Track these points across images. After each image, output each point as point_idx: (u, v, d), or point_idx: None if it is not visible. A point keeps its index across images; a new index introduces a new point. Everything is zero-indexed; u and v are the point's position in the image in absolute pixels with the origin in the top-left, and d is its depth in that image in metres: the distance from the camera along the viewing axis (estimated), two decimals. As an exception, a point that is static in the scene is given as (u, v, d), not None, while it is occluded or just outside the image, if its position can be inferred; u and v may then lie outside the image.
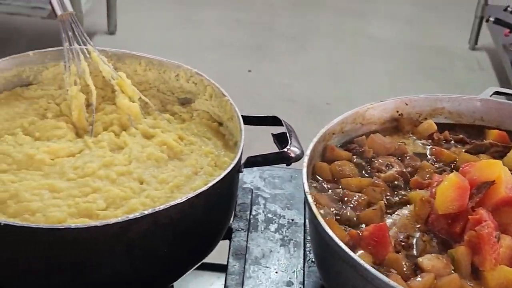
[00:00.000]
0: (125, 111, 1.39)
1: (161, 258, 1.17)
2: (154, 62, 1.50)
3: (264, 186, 1.60)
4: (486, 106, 1.49)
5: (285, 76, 4.32)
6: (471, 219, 1.14)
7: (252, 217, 1.50)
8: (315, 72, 4.41)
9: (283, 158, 1.28)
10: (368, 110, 1.44)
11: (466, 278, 1.11)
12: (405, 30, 4.92)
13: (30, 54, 1.47)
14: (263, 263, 1.38)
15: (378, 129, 1.46)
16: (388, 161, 1.35)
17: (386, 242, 1.15)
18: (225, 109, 1.40)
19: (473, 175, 1.21)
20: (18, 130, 1.35)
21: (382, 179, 1.30)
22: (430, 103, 1.49)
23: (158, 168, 1.29)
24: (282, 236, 1.46)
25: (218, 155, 1.35)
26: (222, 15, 5.01)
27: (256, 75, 4.32)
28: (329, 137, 1.37)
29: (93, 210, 1.16)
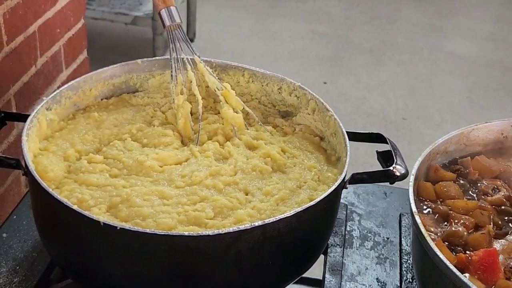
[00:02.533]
0: (229, 121, 1.42)
1: (266, 269, 1.18)
2: (257, 74, 1.52)
3: (359, 202, 1.60)
4: None
5: (361, 89, 4.30)
6: None
7: (347, 233, 1.50)
8: (391, 86, 4.36)
9: (389, 176, 1.27)
10: (472, 131, 1.42)
11: None
12: (485, 47, 4.81)
13: (139, 62, 1.51)
14: (359, 280, 1.38)
15: (482, 150, 1.43)
16: (494, 184, 1.32)
17: (496, 268, 1.12)
18: (328, 124, 1.40)
19: None
20: (126, 136, 1.39)
21: (488, 202, 1.28)
22: (534, 126, 1.45)
23: (263, 180, 1.30)
24: (378, 254, 1.45)
25: (321, 170, 1.35)
26: (298, 26, 5.03)
27: (331, 87, 4.31)
28: (433, 157, 1.35)
29: (201, 218, 1.18)
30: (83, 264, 1.19)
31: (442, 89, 4.32)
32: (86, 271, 1.19)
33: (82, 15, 2.17)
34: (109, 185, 1.24)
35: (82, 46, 2.24)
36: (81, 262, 1.18)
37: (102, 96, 1.50)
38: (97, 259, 1.15)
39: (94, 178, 1.25)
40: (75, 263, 1.20)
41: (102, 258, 1.14)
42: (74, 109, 1.45)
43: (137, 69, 1.52)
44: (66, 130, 1.39)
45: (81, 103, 1.46)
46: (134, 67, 1.52)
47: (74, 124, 1.41)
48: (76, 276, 1.23)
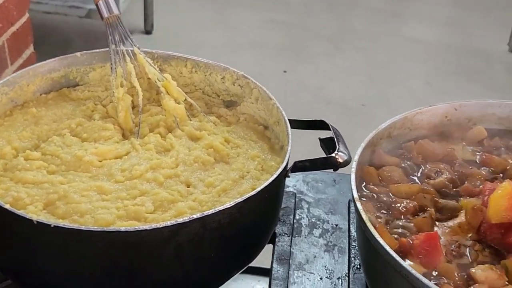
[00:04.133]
0: (171, 113, 1.39)
1: (208, 262, 1.16)
2: (200, 64, 1.49)
3: (308, 190, 1.59)
4: (537, 112, 1.45)
5: (321, 77, 4.30)
6: (526, 230, 1.12)
7: (295, 222, 1.49)
8: (351, 73, 4.37)
9: (331, 164, 1.26)
10: (416, 115, 1.42)
11: (521, 290, 1.08)
12: (442, 32, 4.85)
13: (78, 55, 1.48)
14: (307, 269, 1.37)
15: (426, 134, 1.43)
16: (437, 168, 1.32)
17: (437, 251, 1.12)
18: (271, 113, 1.39)
19: (527, 184, 1.18)
20: (65, 131, 1.36)
21: (431, 185, 1.28)
22: (480, 108, 1.46)
23: (205, 172, 1.29)
24: (327, 242, 1.44)
25: (264, 159, 1.34)
26: (257, 15, 5.00)
27: (291, 76, 4.30)
28: (377, 142, 1.35)
29: (141, 213, 1.16)
30: (20, 264, 1.16)
31: (401, 74, 4.34)
32: (23, 271, 1.16)
33: (26, 9, 2.12)
34: (46, 182, 1.21)
35: (28, 41, 2.19)
36: (18, 262, 1.15)
37: (41, 91, 1.46)
38: (33, 259, 1.12)
39: (31, 175, 1.22)
40: (12, 263, 1.17)
41: (39, 258, 1.12)
42: (11, 105, 1.41)
43: (77, 63, 1.49)
44: (2, 127, 1.35)
45: (19, 98, 1.42)
46: (74, 60, 1.48)
47: (11, 121, 1.38)
48: (14, 276, 1.20)
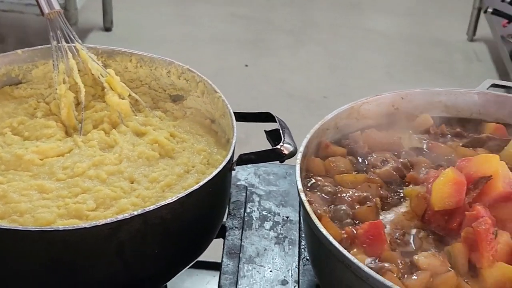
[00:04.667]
0: (115, 108, 1.37)
1: (152, 258, 1.15)
2: (145, 59, 1.47)
3: (259, 183, 1.58)
4: (483, 99, 1.46)
5: (283, 70, 4.30)
6: (468, 215, 1.12)
7: (246, 215, 1.48)
8: (313, 66, 4.38)
9: (276, 155, 1.25)
10: (363, 105, 1.42)
11: (463, 276, 1.08)
12: (403, 23, 4.88)
13: (19, 52, 1.45)
14: (258, 262, 1.36)
15: (374, 124, 1.43)
16: (383, 157, 1.32)
17: (381, 240, 1.12)
18: (217, 106, 1.38)
19: (470, 170, 1.19)
20: (6, 130, 1.33)
21: (377, 174, 1.28)
22: (427, 97, 1.46)
23: (149, 167, 1.27)
24: (277, 234, 1.44)
25: (210, 152, 1.32)
26: (218, 10, 4.98)
27: (253, 69, 4.29)
28: (323, 133, 1.34)
29: (82, 211, 1.14)
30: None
31: (362, 66, 4.36)
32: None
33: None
34: (-15, 182, 1.18)
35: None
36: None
37: (-18, 90, 1.43)
38: (-28, 261, 1.09)
39: (-31, 176, 1.19)
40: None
41: (-23, 259, 1.09)
42: (-49, 105, 1.38)
43: (19, 60, 1.46)
44: None
45: (-41, 98, 1.39)
46: (15, 58, 1.45)
47: (-50, 121, 1.34)
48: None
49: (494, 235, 1.09)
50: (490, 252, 1.08)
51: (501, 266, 1.07)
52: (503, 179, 1.16)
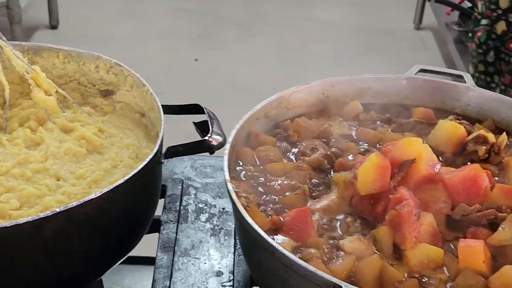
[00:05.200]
0: (41, 105, 1.35)
1: (80, 255, 1.14)
2: (73, 54, 1.45)
3: (196, 176, 1.58)
4: (412, 85, 1.48)
5: (233, 64, 4.30)
6: (392, 199, 1.14)
7: (182, 208, 1.48)
8: (263, 58, 4.39)
9: (205, 147, 1.25)
10: (293, 94, 1.42)
11: (388, 258, 1.10)
12: (350, 13, 4.93)
13: None
14: (193, 254, 1.36)
15: (305, 112, 1.44)
16: (313, 145, 1.33)
17: (308, 226, 1.13)
18: (146, 100, 1.37)
19: (394, 154, 1.20)
20: None
21: (306, 162, 1.29)
22: (356, 84, 1.48)
23: (76, 163, 1.25)
24: (213, 226, 1.44)
25: (139, 147, 1.31)
26: (167, 4, 4.95)
27: (202, 64, 4.28)
28: (254, 123, 1.35)
29: (5, 210, 1.12)
30: None
31: (312, 57, 4.39)
32: None
33: None
34: None
35: None
36: None
37: None
38: None
39: None
40: None
41: None
42: None
43: None
44: None
45: None
46: None
47: None
48: None
49: (416, 217, 1.11)
50: (413, 233, 1.09)
51: (424, 246, 1.09)
52: (427, 161, 1.18)
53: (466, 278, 1.06)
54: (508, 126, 1.42)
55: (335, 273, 1.05)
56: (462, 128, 1.33)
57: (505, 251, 1.11)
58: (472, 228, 1.14)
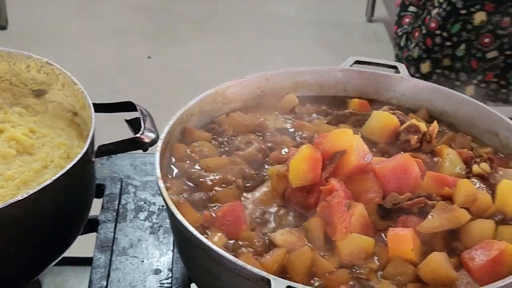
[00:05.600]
0: (-31, 107, 1.32)
1: (9, 257, 1.11)
2: (3, 54, 1.42)
3: (135, 174, 1.56)
4: (347, 76, 1.49)
5: (187, 60, 4.27)
6: (323, 190, 1.14)
7: (121, 207, 1.46)
8: (218, 54, 4.38)
9: (137, 144, 1.24)
10: (228, 88, 1.42)
11: (320, 250, 1.10)
12: (304, 6, 4.94)
13: None
14: (131, 253, 1.35)
15: (241, 107, 1.44)
16: (247, 139, 1.33)
17: (240, 221, 1.13)
18: (78, 98, 1.35)
19: (326, 146, 1.21)
20: None
21: (241, 157, 1.28)
22: (292, 77, 1.48)
23: (5, 165, 1.23)
24: (152, 224, 1.42)
25: (71, 146, 1.29)
26: (121, 2, 4.90)
27: (156, 61, 4.25)
28: (187, 119, 1.34)
29: None
30: None
31: (266, 52, 4.39)
32: None
33: None
34: None
35: None
36: None
37: None
38: None
39: None
40: None
41: None
42: None
43: None
44: None
45: None
46: None
47: None
48: None
49: (346, 207, 1.12)
50: (343, 224, 1.10)
51: (354, 236, 1.10)
52: (357, 152, 1.19)
53: (395, 267, 1.07)
54: (442, 115, 1.44)
55: (266, 266, 1.05)
56: (395, 118, 1.35)
57: (435, 238, 1.12)
58: (402, 217, 1.15)
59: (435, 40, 2.76)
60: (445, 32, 2.72)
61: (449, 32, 2.72)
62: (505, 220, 1.16)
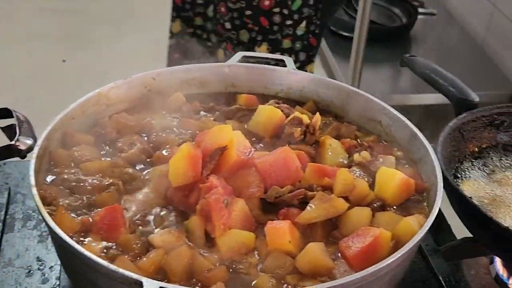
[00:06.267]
0: None
1: None
2: None
3: (24, 182, 1.51)
4: (235, 72, 1.49)
5: (104, 63, 4.19)
6: (202, 188, 1.13)
7: (8, 217, 1.42)
8: (135, 56, 4.31)
9: (13, 151, 1.20)
10: (112, 89, 1.40)
11: (201, 248, 1.10)
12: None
13: None
14: (18, 264, 1.31)
15: (127, 107, 1.41)
16: (131, 140, 1.31)
17: (118, 224, 1.11)
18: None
19: (207, 143, 1.20)
20: None
21: (123, 158, 1.26)
22: (179, 75, 1.47)
23: None
24: (41, 232, 1.38)
25: None
26: (33, 5, 4.76)
27: (71, 65, 4.16)
28: (69, 122, 1.30)
29: None
30: None
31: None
32: None
33: None
34: None
35: None
36: None
37: None
38: None
39: None
40: None
41: None
42: None
43: None
44: None
45: None
46: None
47: None
48: None
49: (225, 203, 1.11)
50: (221, 220, 1.10)
51: (233, 232, 1.10)
52: (238, 147, 1.19)
53: (274, 259, 1.08)
54: (329, 106, 1.46)
55: (142, 269, 1.04)
56: (279, 112, 1.35)
57: (315, 229, 1.13)
58: (284, 209, 1.15)
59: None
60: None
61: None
62: (383, 206, 1.18)
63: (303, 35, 2.30)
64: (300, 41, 2.32)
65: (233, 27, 2.31)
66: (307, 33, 2.31)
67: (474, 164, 1.43)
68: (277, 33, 2.29)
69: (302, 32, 2.30)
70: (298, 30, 2.29)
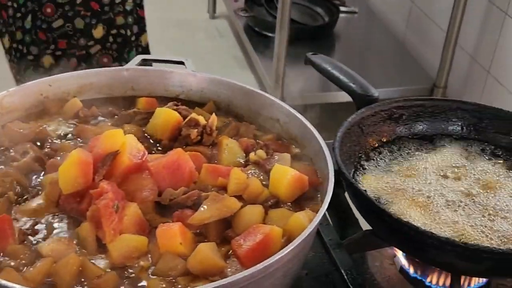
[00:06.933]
0: None
1: None
2: None
3: None
4: (134, 75, 1.48)
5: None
6: (93, 193, 1.12)
7: None
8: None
9: None
10: (4, 98, 1.36)
11: (93, 254, 1.08)
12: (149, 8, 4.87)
13: None
14: None
15: (23, 115, 1.39)
16: (24, 148, 1.28)
17: (5, 235, 1.08)
18: None
19: (99, 148, 1.19)
20: None
21: (14, 168, 1.24)
22: (76, 80, 1.45)
23: None
24: None
25: None
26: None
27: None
28: (-42, 134, 1.27)
29: None
30: None
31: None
32: None
33: None
34: None
35: None
36: None
37: None
38: None
39: None
40: None
41: None
42: None
43: None
44: None
45: None
46: None
47: None
48: None
49: (115, 208, 1.10)
50: (111, 226, 1.09)
51: (124, 237, 1.09)
52: (130, 151, 1.18)
53: (165, 262, 1.07)
54: (229, 106, 1.46)
55: (29, 279, 1.02)
56: (176, 114, 1.35)
57: (209, 229, 1.14)
58: (178, 212, 1.15)
59: (9, 12, 2.51)
60: (15, 3, 2.49)
61: (18, 3, 2.49)
62: (278, 203, 1.20)
63: (132, 10, 2.63)
64: (131, 15, 2.65)
65: (67, 20, 2.55)
66: (135, 6, 2.65)
67: (374, 157, 1.46)
68: (109, 13, 2.60)
69: (131, 7, 2.64)
70: (127, 5, 2.63)
